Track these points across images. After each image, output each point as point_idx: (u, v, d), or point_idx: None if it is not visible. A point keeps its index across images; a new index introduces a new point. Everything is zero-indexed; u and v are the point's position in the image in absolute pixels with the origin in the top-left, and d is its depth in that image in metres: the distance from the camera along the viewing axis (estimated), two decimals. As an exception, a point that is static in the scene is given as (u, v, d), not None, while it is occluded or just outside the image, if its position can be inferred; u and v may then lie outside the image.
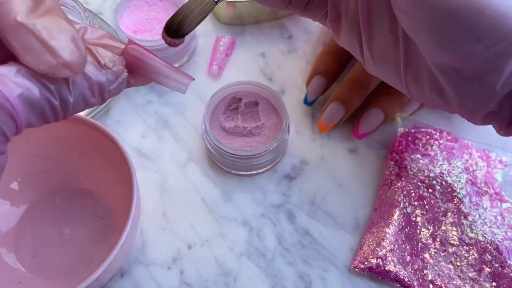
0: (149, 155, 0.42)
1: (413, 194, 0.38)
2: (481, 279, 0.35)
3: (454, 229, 0.37)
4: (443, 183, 0.38)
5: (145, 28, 0.45)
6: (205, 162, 0.42)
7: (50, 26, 0.18)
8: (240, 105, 0.40)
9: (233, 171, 0.40)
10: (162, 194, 0.40)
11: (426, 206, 0.38)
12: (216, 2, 0.25)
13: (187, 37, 0.25)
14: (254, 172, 0.40)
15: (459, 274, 0.35)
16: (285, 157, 0.42)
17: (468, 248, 0.36)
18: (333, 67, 0.42)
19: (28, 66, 0.18)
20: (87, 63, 0.20)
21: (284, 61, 0.47)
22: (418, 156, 0.40)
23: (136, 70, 0.23)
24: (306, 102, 0.43)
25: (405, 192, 0.38)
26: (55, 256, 0.37)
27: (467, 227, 0.37)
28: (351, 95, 0.40)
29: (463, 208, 0.37)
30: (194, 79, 0.24)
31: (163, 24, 0.45)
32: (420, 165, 0.39)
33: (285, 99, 0.45)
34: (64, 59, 0.18)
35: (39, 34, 0.18)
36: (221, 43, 0.47)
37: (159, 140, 0.43)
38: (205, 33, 0.48)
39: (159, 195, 0.40)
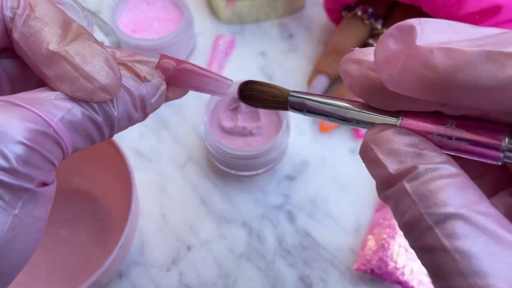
0: (147, 155, 0.42)
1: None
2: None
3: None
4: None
5: (144, 27, 0.45)
6: (205, 163, 0.41)
7: (82, 51, 0.18)
8: (240, 105, 0.40)
9: (233, 171, 0.40)
10: (161, 195, 0.40)
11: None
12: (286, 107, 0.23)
13: (186, 36, 0.25)
14: (254, 172, 0.40)
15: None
16: (285, 157, 0.41)
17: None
18: (335, 66, 0.41)
19: (65, 93, 0.18)
20: (126, 77, 0.20)
21: (284, 60, 0.46)
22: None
23: (173, 82, 0.23)
24: (306, 102, 0.43)
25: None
26: (53, 257, 0.36)
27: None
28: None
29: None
30: (232, 81, 0.24)
31: (161, 23, 0.45)
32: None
33: (285, 99, 0.44)
34: (101, 82, 0.18)
35: (73, 60, 0.17)
36: (221, 42, 0.47)
37: (158, 140, 0.42)
38: (204, 32, 0.48)
39: (158, 196, 0.40)
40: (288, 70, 0.46)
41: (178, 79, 0.23)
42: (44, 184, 0.18)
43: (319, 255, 0.37)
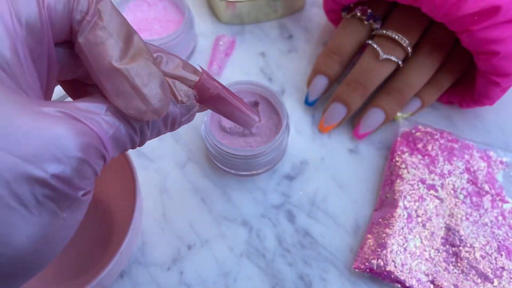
0: (149, 155, 0.42)
1: (413, 194, 0.38)
2: (482, 279, 0.35)
3: (455, 229, 0.37)
4: (444, 183, 0.38)
5: (145, 27, 0.45)
6: (205, 162, 0.41)
7: (142, 72, 0.19)
8: (240, 105, 0.40)
9: (233, 171, 0.40)
10: (162, 194, 0.40)
11: (427, 207, 0.37)
12: None
13: (187, 37, 0.25)
14: (254, 172, 0.40)
15: (460, 275, 0.35)
16: (285, 157, 0.41)
17: (469, 248, 0.36)
18: (335, 67, 0.41)
19: (118, 108, 0.19)
20: None
21: (284, 61, 0.47)
22: (419, 156, 0.40)
23: (206, 103, 0.24)
24: (307, 102, 0.43)
25: (405, 193, 0.38)
26: (56, 260, 0.36)
27: (468, 227, 0.37)
28: (352, 95, 0.40)
29: (464, 208, 0.37)
30: (261, 120, 0.26)
31: (162, 24, 0.45)
32: (420, 165, 0.39)
33: (285, 99, 0.44)
34: (154, 106, 0.19)
35: (133, 81, 0.19)
36: (221, 42, 0.47)
37: (158, 140, 0.43)
38: (205, 33, 0.48)
39: (159, 195, 0.40)
40: (288, 71, 0.46)
41: (211, 103, 0.24)
42: (87, 192, 0.19)
43: (319, 254, 0.37)
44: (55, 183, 0.17)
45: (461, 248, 0.36)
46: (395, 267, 0.35)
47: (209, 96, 0.23)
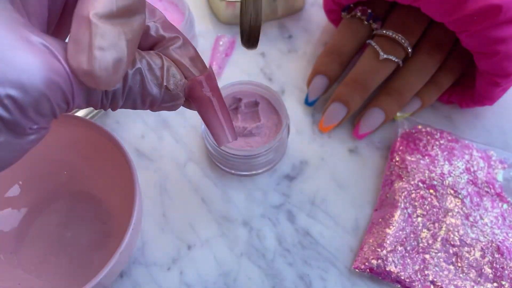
0: (149, 155, 0.42)
1: (413, 194, 0.38)
2: (482, 279, 0.35)
3: (455, 229, 0.37)
4: (444, 183, 0.38)
5: (145, 27, 0.45)
6: (205, 162, 0.41)
7: (109, 37, 0.18)
8: (240, 105, 0.40)
9: (233, 171, 0.40)
10: (162, 194, 0.40)
11: (427, 207, 0.37)
12: None
13: (187, 37, 0.26)
14: (254, 172, 0.40)
15: (460, 275, 0.35)
16: (285, 157, 0.41)
17: (469, 248, 0.36)
18: (335, 67, 0.41)
19: (67, 54, 0.18)
20: (152, 76, 0.21)
21: (284, 61, 0.47)
22: (419, 156, 0.40)
23: (193, 101, 0.24)
24: (307, 102, 0.43)
25: (405, 193, 0.38)
26: (56, 259, 0.36)
27: (468, 227, 0.37)
28: (352, 95, 0.40)
29: (464, 208, 0.37)
30: (236, 139, 0.25)
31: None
32: (420, 165, 0.39)
33: (285, 99, 0.44)
34: (95, 72, 0.18)
35: (93, 38, 0.18)
36: (221, 42, 0.47)
37: (158, 140, 0.43)
38: (205, 33, 0.48)
39: (159, 195, 0.40)
40: (288, 71, 0.46)
41: (197, 103, 0.24)
42: (38, 129, 0.19)
43: (319, 254, 0.37)
44: (8, 103, 0.17)
45: (461, 248, 0.36)
46: (395, 267, 0.35)
47: (198, 95, 0.23)
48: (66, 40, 0.20)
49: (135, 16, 0.19)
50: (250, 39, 0.25)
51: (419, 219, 0.37)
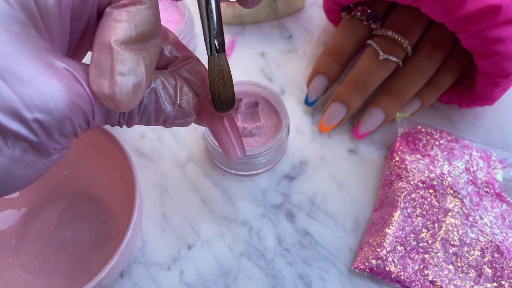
0: (149, 155, 0.42)
1: (413, 194, 0.38)
2: (482, 279, 0.35)
3: (455, 229, 0.37)
4: (444, 183, 0.38)
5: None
6: (205, 162, 0.41)
7: (128, 62, 0.19)
8: (240, 105, 0.40)
9: (233, 171, 0.40)
10: (162, 194, 0.40)
11: (427, 207, 0.38)
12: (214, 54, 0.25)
13: (187, 37, 0.26)
14: (254, 172, 0.40)
15: (460, 275, 0.35)
16: (285, 157, 0.42)
17: (468, 248, 0.36)
18: (334, 67, 0.42)
19: (87, 76, 0.19)
20: (166, 94, 0.22)
21: (284, 61, 0.47)
22: (419, 156, 0.40)
23: (205, 118, 0.25)
24: (307, 102, 0.43)
25: (405, 193, 0.38)
26: (56, 258, 0.36)
27: (467, 227, 0.37)
28: (352, 95, 0.40)
29: (463, 208, 0.37)
30: (245, 155, 0.27)
31: (163, 24, 0.45)
32: (420, 165, 0.39)
33: (285, 99, 0.44)
34: (115, 95, 0.19)
35: (114, 63, 0.19)
36: (221, 43, 0.47)
37: (158, 140, 0.43)
38: (205, 33, 0.48)
39: (159, 195, 0.40)
40: (288, 71, 0.46)
41: (208, 120, 0.24)
42: (61, 148, 0.20)
43: (319, 254, 0.38)
44: (35, 127, 0.18)
45: (460, 248, 0.36)
46: (395, 267, 0.35)
47: (209, 113, 0.24)
48: (83, 61, 0.21)
49: (152, 41, 0.20)
50: (221, 107, 0.25)
51: (419, 219, 0.37)
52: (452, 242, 0.36)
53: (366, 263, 0.36)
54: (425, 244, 0.36)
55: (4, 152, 0.18)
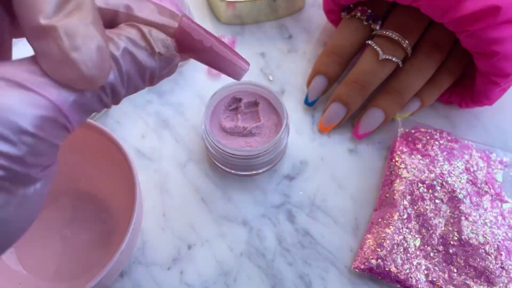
0: (149, 155, 0.42)
1: (413, 194, 0.38)
2: (482, 279, 0.35)
3: (455, 229, 0.37)
4: (444, 183, 0.38)
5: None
6: (205, 162, 0.41)
7: (74, 31, 0.16)
8: (240, 105, 0.40)
9: (233, 171, 0.40)
10: (162, 194, 0.40)
11: (427, 207, 0.38)
12: None
13: None
14: (254, 172, 0.40)
15: (460, 275, 0.35)
16: (285, 157, 0.42)
17: (468, 248, 0.36)
18: (334, 67, 0.42)
19: (46, 72, 0.16)
20: (139, 47, 0.18)
21: (284, 61, 0.47)
22: (419, 156, 0.40)
23: (188, 51, 0.21)
24: (306, 102, 0.43)
25: (405, 193, 0.38)
26: (56, 258, 0.36)
27: (467, 227, 0.37)
28: (352, 95, 0.40)
29: (463, 208, 0.37)
30: (249, 65, 0.22)
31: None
32: (420, 165, 0.39)
33: (285, 99, 0.45)
34: (85, 74, 0.16)
35: (60, 42, 0.16)
36: (221, 43, 0.47)
37: (159, 140, 0.43)
38: (205, 33, 0.48)
39: (159, 195, 0.40)
40: (288, 71, 0.46)
41: (193, 52, 0.21)
42: (47, 166, 0.17)
43: (319, 254, 0.38)
44: (4, 163, 0.15)
45: (460, 248, 0.36)
46: (395, 267, 0.35)
47: (190, 44, 0.20)
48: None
49: None
50: None
51: (419, 219, 0.37)
52: (452, 242, 0.36)
53: (366, 263, 0.36)
54: (425, 244, 0.36)
55: None
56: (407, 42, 0.39)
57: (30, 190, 0.16)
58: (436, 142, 0.40)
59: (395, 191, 0.38)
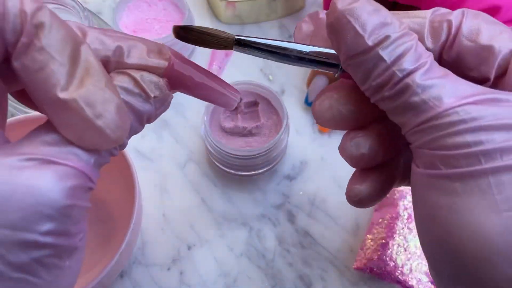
0: (148, 155, 0.42)
1: (413, 194, 0.38)
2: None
3: (455, 229, 0.37)
4: (444, 183, 0.38)
5: (145, 28, 0.45)
6: (205, 162, 0.41)
7: (93, 99, 0.16)
8: (240, 105, 0.40)
9: (233, 171, 0.40)
10: (162, 194, 0.40)
11: (427, 207, 0.37)
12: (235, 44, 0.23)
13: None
14: (254, 172, 0.40)
15: (460, 275, 0.35)
16: (285, 157, 0.41)
17: (468, 248, 0.36)
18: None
19: (70, 140, 0.17)
20: (134, 94, 0.19)
21: (284, 61, 0.47)
22: (419, 156, 0.40)
23: (180, 88, 0.21)
24: (307, 102, 0.43)
25: (405, 193, 0.38)
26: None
27: (467, 227, 0.37)
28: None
29: (463, 208, 0.37)
30: (240, 98, 0.23)
31: (162, 24, 0.45)
32: (420, 165, 0.39)
33: (285, 99, 0.44)
34: (111, 137, 0.17)
35: (84, 113, 0.16)
36: (221, 42, 0.47)
37: (158, 140, 0.43)
38: (205, 33, 0.48)
39: (159, 195, 0.40)
40: (288, 71, 0.46)
41: (184, 88, 0.21)
42: (83, 233, 0.18)
43: (319, 254, 0.37)
44: (51, 241, 0.15)
45: (461, 248, 0.36)
46: (395, 267, 0.35)
47: (182, 81, 0.21)
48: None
49: (81, 51, 0.17)
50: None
51: (419, 219, 0.37)
52: (452, 242, 0.36)
53: (367, 264, 0.36)
54: (426, 244, 0.36)
55: (39, 284, 0.16)
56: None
57: (73, 260, 0.17)
58: (437, 142, 0.40)
59: (396, 191, 0.38)
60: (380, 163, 0.22)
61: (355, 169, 0.25)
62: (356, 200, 0.23)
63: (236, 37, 0.22)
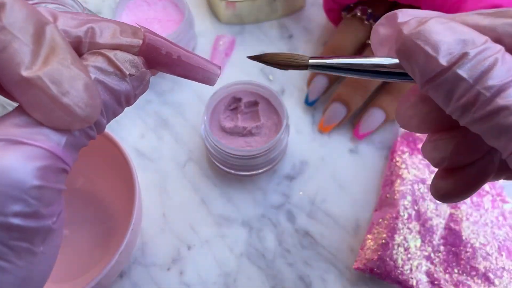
0: (148, 155, 0.42)
1: (414, 194, 0.38)
2: (482, 279, 0.35)
3: (455, 229, 0.37)
4: (444, 183, 0.38)
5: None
6: (205, 162, 0.41)
7: (59, 77, 0.16)
8: (240, 105, 0.40)
9: (233, 171, 0.40)
10: (162, 194, 0.40)
11: (427, 207, 0.37)
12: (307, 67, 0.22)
13: (186, 37, 0.25)
14: (254, 172, 0.40)
15: (460, 275, 0.35)
16: (285, 157, 0.41)
17: (469, 249, 0.36)
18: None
19: (39, 121, 0.16)
20: (109, 73, 0.18)
21: (284, 60, 0.47)
22: (419, 156, 0.40)
23: (157, 65, 0.21)
24: (307, 102, 0.43)
25: (406, 193, 0.38)
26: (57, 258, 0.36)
27: (468, 228, 0.37)
28: (352, 95, 0.40)
29: (464, 208, 0.37)
30: (221, 68, 0.22)
31: (162, 24, 0.45)
32: (421, 165, 0.39)
33: (285, 99, 0.44)
34: (80, 115, 0.16)
35: (48, 90, 0.16)
36: (221, 42, 0.47)
37: (158, 140, 0.42)
38: (204, 33, 0.48)
39: (159, 195, 0.40)
40: (288, 71, 0.46)
41: (162, 65, 0.21)
42: (58, 215, 0.17)
43: (319, 254, 0.37)
44: (20, 223, 0.15)
45: (461, 248, 0.36)
46: (396, 267, 0.35)
47: (158, 58, 0.20)
48: None
49: (47, 30, 0.16)
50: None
51: (419, 219, 0.37)
52: (452, 243, 0.36)
53: (367, 264, 0.36)
54: (426, 244, 0.36)
55: (8, 269, 0.15)
56: (407, 41, 0.39)
57: (48, 245, 0.17)
58: (437, 142, 0.40)
59: (396, 191, 0.38)
60: (466, 163, 0.21)
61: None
62: (439, 195, 0.22)
63: (310, 61, 0.21)
